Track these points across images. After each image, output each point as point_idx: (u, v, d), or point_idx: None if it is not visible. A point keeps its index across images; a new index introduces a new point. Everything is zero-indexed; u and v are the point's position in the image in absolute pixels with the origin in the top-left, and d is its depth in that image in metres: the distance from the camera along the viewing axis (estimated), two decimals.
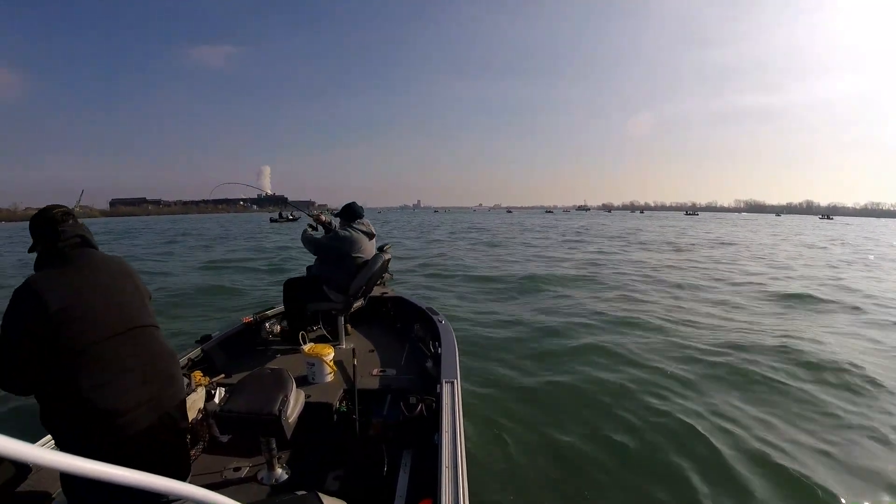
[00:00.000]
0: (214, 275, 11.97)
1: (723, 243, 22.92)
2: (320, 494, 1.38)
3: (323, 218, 3.89)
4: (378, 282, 4.07)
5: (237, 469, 2.24)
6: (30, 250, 1.65)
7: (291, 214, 64.82)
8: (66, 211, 1.66)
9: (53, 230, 1.58)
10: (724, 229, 40.62)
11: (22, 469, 1.89)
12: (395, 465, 2.27)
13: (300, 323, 3.56)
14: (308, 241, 3.67)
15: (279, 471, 2.18)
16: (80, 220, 1.68)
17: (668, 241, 23.65)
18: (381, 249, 3.90)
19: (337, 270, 3.58)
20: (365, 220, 3.75)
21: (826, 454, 3.20)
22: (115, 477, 0.66)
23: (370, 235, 3.73)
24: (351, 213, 3.72)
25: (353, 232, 3.60)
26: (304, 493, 1.43)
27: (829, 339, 5.74)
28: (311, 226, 3.84)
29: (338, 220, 3.86)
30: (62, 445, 1.45)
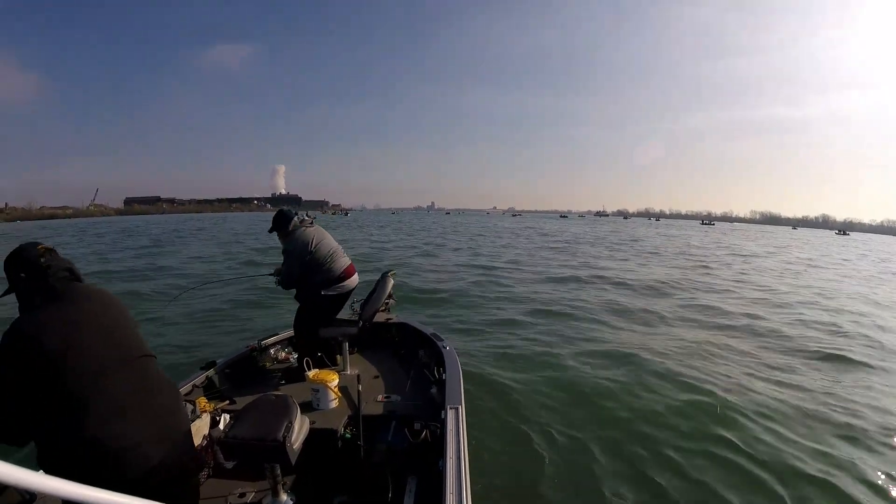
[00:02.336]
0: None
1: None
2: None
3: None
4: (382, 307, 4.06)
5: (242, 495, 2.25)
6: (5, 293, 1.55)
7: (308, 214, 65.53)
8: (47, 247, 1.58)
9: (38, 266, 1.49)
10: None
11: (26, 497, 1.88)
12: (399, 492, 2.27)
13: (309, 350, 3.51)
14: (283, 278, 3.58)
15: (284, 497, 2.16)
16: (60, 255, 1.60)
17: None
18: (385, 273, 3.94)
19: (315, 273, 3.51)
20: (296, 216, 3.65)
21: None
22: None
23: (309, 223, 3.68)
24: (283, 220, 3.59)
25: (296, 233, 3.53)
26: None
27: None
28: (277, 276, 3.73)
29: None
30: None
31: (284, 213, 3.65)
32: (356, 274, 3.75)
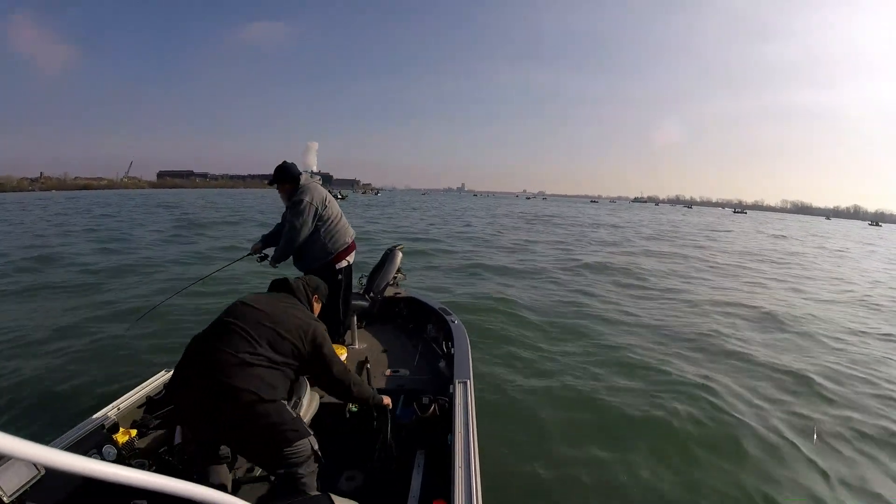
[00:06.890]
0: None
1: None
2: (332, 496, 1.37)
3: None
4: (391, 282, 4.05)
5: (250, 469, 2.25)
6: None
7: (340, 193, 65.26)
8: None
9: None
10: None
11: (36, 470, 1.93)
12: (407, 466, 2.26)
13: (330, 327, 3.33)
14: (290, 233, 3.13)
15: None
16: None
17: None
18: (393, 248, 3.97)
19: (321, 238, 3.23)
20: (304, 173, 3.24)
21: None
22: (121, 478, 0.67)
23: (321, 181, 3.37)
24: (292, 170, 3.19)
25: (309, 185, 3.19)
26: (316, 493, 1.44)
27: None
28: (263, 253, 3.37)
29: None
30: None
31: (290, 164, 3.23)
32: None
